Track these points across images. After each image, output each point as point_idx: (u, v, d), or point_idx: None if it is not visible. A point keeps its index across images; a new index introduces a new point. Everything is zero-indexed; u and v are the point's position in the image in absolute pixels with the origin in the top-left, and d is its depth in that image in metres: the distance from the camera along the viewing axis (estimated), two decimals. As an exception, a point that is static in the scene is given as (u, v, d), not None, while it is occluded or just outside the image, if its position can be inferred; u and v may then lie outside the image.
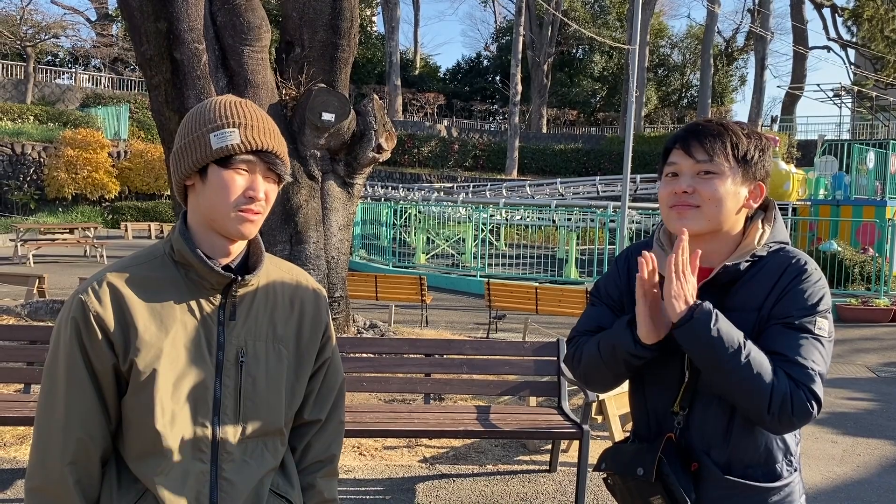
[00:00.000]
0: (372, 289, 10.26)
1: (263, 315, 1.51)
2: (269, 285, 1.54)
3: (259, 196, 1.43)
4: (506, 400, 5.76)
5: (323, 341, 1.60)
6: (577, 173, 35.49)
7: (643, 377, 1.79)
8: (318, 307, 1.60)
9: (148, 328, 1.40)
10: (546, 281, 13.72)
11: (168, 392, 1.39)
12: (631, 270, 1.79)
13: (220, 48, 6.84)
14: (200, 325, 1.44)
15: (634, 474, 1.68)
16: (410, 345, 5.00)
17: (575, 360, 1.82)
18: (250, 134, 1.41)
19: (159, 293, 1.43)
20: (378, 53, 43.26)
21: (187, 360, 1.42)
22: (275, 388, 1.49)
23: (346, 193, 7.68)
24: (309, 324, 1.57)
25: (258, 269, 1.49)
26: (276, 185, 1.48)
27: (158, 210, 25.61)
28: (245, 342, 1.47)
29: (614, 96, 46.05)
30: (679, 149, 1.67)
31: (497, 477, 4.63)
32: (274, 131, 1.47)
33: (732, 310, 1.63)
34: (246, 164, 1.42)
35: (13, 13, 34.54)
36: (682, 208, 1.64)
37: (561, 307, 9.05)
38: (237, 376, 1.45)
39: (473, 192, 28.16)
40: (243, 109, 1.44)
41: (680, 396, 1.68)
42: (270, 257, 1.59)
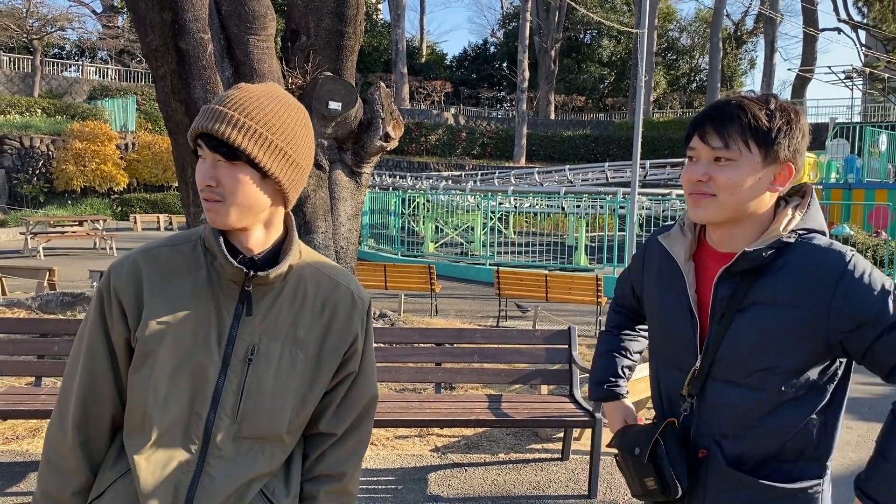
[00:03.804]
0: (381, 278, 10.24)
1: (287, 315, 1.43)
2: (301, 284, 1.46)
3: (202, 181, 1.36)
4: (517, 388, 5.74)
5: (349, 353, 1.49)
6: (585, 160, 35.33)
7: (658, 361, 1.77)
8: (350, 316, 1.49)
9: (158, 309, 1.39)
10: (556, 268, 13.67)
11: (165, 376, 1.38)
12: (651, 256, 1.81)
13: (226, 37, 6.80)
14: (215, 315, 1.40)
15: (632, 454, 1.69)
16: (421, 334, 4.98)
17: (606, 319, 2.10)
18: (200, 119, 1.34)
19: (180, 276, 1.42)
20: (384, 41, 43.09)
21: (193, 347, 1.38)
22: (281, 392, 1.42)
23: (353, 182, 7.64)
24: (337, 332, 1.47)
25: (279, 266, 1.41)
26: (233, 168, 1.35)
27: (167, 201, 25.66)
28: (259, 340, 1.41)
29: (623, 81, 45.75)
30: (696, 135, 1.60)
31: (509, 465, 4.61)
32: (225, 113, 1.34)
33: (758, 303, 1.55)
34: (201, 151, 1.36)
35: (19, 6, 34.55)
36: (698, 197, 1.58)
37: (571, 294, 9.01)
38: (243, 373, 1.40)
39: (482, 180, 28.08)
40: (224, 95, 1.37)
41: (688, 381, 1.64)
42: (314, 256, 1.52)
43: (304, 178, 1.46)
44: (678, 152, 32.91)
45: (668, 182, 25.86)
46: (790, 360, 1.54)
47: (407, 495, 4.15)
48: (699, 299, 1.65)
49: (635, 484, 1.71)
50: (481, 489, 4.25)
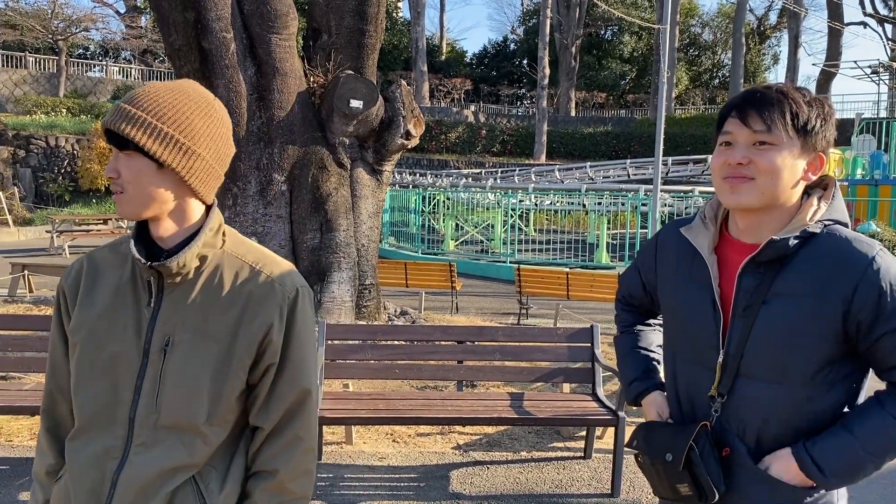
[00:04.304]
0: (402, 276, 10.26)
1: (200, 305, 1.44)
2: (217, 274, 1.46)
3: (106, 175, 1.43)
4: (539, 387, 5.72)
5: (264, 344, 1.45)
6: (606, 157, 35.12)
7: (675, 356, 1.73)
8: (263, 305, 1.45)
9: (83, 304, 1.48)
10: (577, 266, 13.61)
11: (84, 366, 1.45)
12: (664, 250, 1.79)
13: (248, 37, 6.85)
14: (135, 308, 1.45)
15: (663, 458, 1.64)
16: (443, 332, 4.98)
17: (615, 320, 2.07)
18: (105, 120, 1.40)
19: (109, 273, 1.49)
20: (404, 39, 43.11)
21: (111, 338, 1.44)
22: (194, 382, 1.42)
23: (374, 181, 7.66)
24: (249, 322, 1.44)
25: (178, 255, 1.41)
26: (131, 158, 1.39)
27: (190, 200, 25.87)
28: (174, 330, 1.43)
29: (644, 77, 45.41)
30: (735, 117, 1.57)
31: (531, 464, 4.59)
32: (120, 107, 1.39)
33: (782, 294, 1.54)
34: (110, 146, 1.43)
35: (45, 7, 35.03)
36: (736, 181, 1.55)
37: (593, 292, 8.96)
38: (159, 363, 1.43)
39: (502, 177, 28.03)
40: (130, 95, 1.43)
41: (718, 381, 1.61)
42: (244, 246, 1.52)
43: (212, 168, 1.46)
44: (700, 149, 32.62)
45: (690, 179, 25.65)
46: (815, 352, 1.52)
47: (429, 492, 4.15)
48: (721, 293, 1.63)
49: (665, 489, 1.67)
50: (503, 487, 4.25)
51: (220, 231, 1.49)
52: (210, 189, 1.47)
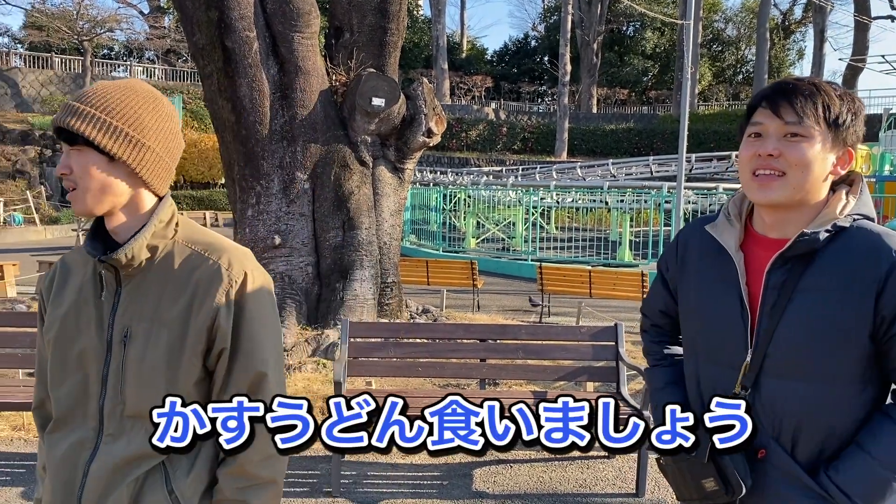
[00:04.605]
0: (423, 274, 10.26)
1: (152, 295, 1.47)
2: (168, 263, 1.49)
3: (58, 172, 1.44)
4: (561, 385, 5.69)
5: (214, 329, 1.46)
6: (628, 154, 34.90)
7: (696, 355, 1.70)
8: (210, 290, 1.46)
9: (53, 303, 1.55)
10: (599, 264, 13.54)
11: (56, 362, 1.51)
12: (687, 249, 1.75)
13: (271, 35, 6.87)
14: (97, 302, 1.49)
15: (686, 455, 1.58)
16: (465, 330, 4.96)
17: (644, 352, 1.94)
18: (55, 118, 1.42)
19: (75, 272, 1.55)
20: (425, 37, 43.14)
21: (77, 334, 1.49)
22: (152, 371, 1.45)
23: (396, 179, 7.66)
24: (199, 308, 1.46)
25: (125, 247, 1.44)
26: (81, 153, 1.42)
27: (213, 198, 26.11)
28: (131, 322, 1.47)
29: (666, 74, 45.06)
30: (766, 108, 1.53)
31: (555, 463, 4.57)
32: (69, 105, 1.41)
33: (811, 290, 1.50)
34: (62, 145, 1.44)
35: (70, 8, 35.48)
36: (766, 178, 1.52)
37: (616, 290, 8.90)
38: (120, 355, 1.46)
39: (523, 174, 27.97)
40: (78, 93, 1.45)
41: (741, 376, 1.58)
42: (195, 235, 1.54)
43: (162, 160, 1.49)
44: (724, 145, 32.31)
45: (714, 175, 25.41)
46: (846, 347, 1.49)
47: (452, 491, 4.15)
48: (748, 291, 1.60)
49: (689, 487, 1.63)
50: (527, 486, 4.23)
51: (173, 222, 1.51)
52: (161, 181, 1.50)
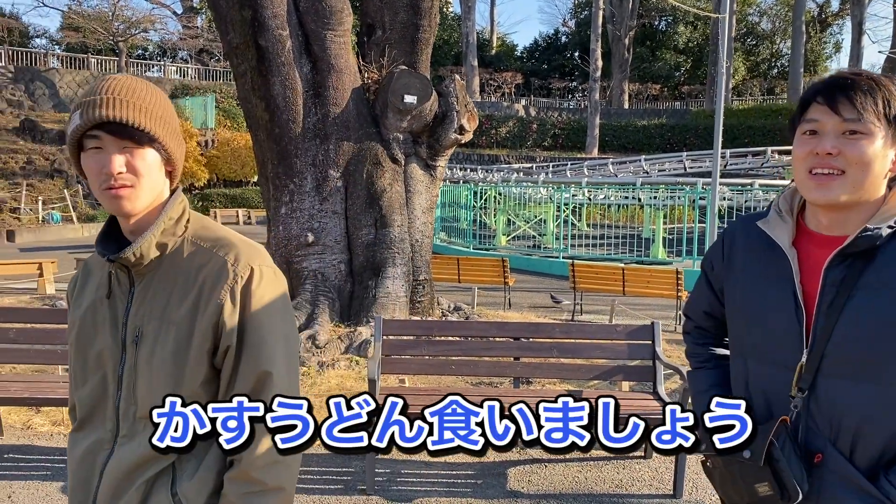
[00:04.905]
0: (454, 271, 10.25)
1: (161, 294, 1.45)
2: (176, 261, 1.46)
3: (112, 170, 1.36)
4: (596, 384, 5.63)
5: (219, 326, 1.42)
6: (661, 149, 34.52)
7: (745, 356, 1.65)
8: (216, 286, 1.43)
9: (73, 305, 1.55)
10: (632, 262, 13.39)
11: (81, 364, 1.50)
12: (733, 246, 1.70)
13: (303, 34, 6.90)
14: (112, 303, 1.48)
15: (740, 457, 1.54)
16: (499, 328, 4.93)
17: (686, 354, 1.89)
18: (88, 111, 1.34)
19: (94, 272, 1.55)
20: (454, 34, 43.09)
21: (94, 335, 1.48)
22: (162, 370, 1.43)
23: (428, 176, 7.65)
24: (205, 305, 1.43)
25: (133, 245, 1.41)
26: (142, 150, 1.39)
27: (245, 196, 26.37)
28: (142, 321, 1.45)
29: (699, 68, 44.46)
30: (822, 104, 1.47)
31: (590, 463, 4.52)
32: (122, 100, 1.36)
33: (870, 287, 1.46)
34: (95, 142, 1.36)
35: (106, 10, 36.08)
36: (824, 177, 1.47)
37: (649, 288, 8.79)
38: (134, 355, 1.45)
39: (553, 171, 27.80)
40: (96, 87, 1.38)
41: (797, 377, 1.53)
42: (204, 230, 1.51)
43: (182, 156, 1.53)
44: (759, 141, 31.81)
45: (748, 172, 25.01)
46: None
47: (486, 490, 4.12)
48: (803, 289, 1.55)
49: (740, 491, 1.58)
50: (562, 486, 4.19)
51: (183, 218, 1.49)
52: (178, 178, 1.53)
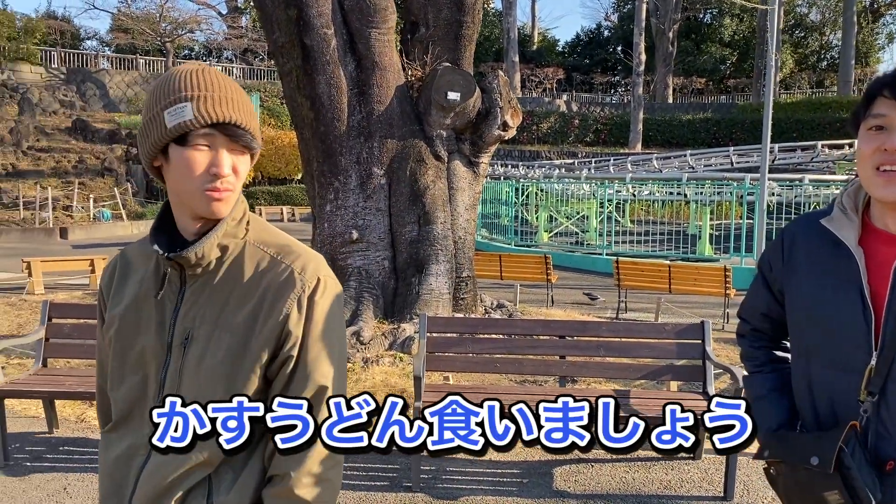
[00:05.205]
0: (496, 268, 10.21)
1: (219, 297, 1.38)
2: (237, 265, 1.40)
3: (223, 172, 1.32)
4: (643, 384, 5.55)
5: (282, 337, 1.37)
6: (706, 144, 33.91)
7: (808, 359, 1.60)
8: (282, 295, 1.37)
9: (114, 302, 1.47)
10: (677, 259, 13.19)
11: (119, 363, 1.44)
12: (794, 246, 1.64)
13: (348, 32, 6.93)
14: (159, 302, 1.41)
15: (807, 464, 1.50)
16: (544, 326, 4.89)
17: (742, 357, 1.85)
18: (204, 106, 1.29)
19: (135, 269, 1.47)
20: (495, 30, 42.94)
21: (137, 334, 1.41)
22: (211, 377, 1.35)
23: (471, 173, 7.62)
24: (267, 314, 1.37)
25: (196, 245, 1.35)
26: (244, 155, 1.36)
27: (290, 194, 26.69)
28: (194, 324, 1.38)
29: (746, 61, 43.54)
30: (890, 98, 1.43)
31: (638, 463, 4.46)
32: (234, 100, 1.33)
33: None
34: (206, 140, 1.31)
35: (153, 11, 36.85)
36: (893, 174, 1.42)
37: (697, 286, 8.65)
38: (180, 358, 1.38)
39: (596, 167, 27.51)
40: (198, 79, 1.32)
41: (866, 381, 1.47)
42: (266, 234, 1.46)
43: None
44: (808, 135, 31.04)
45: (797, 167, 24.41)
46: None
47: (532, 489, 4.10)
48: (871, 289, 1.49)
49: (807, 499, 1.53)
50: (609, 486, 4.14)
51: (244, 220, 1.43)
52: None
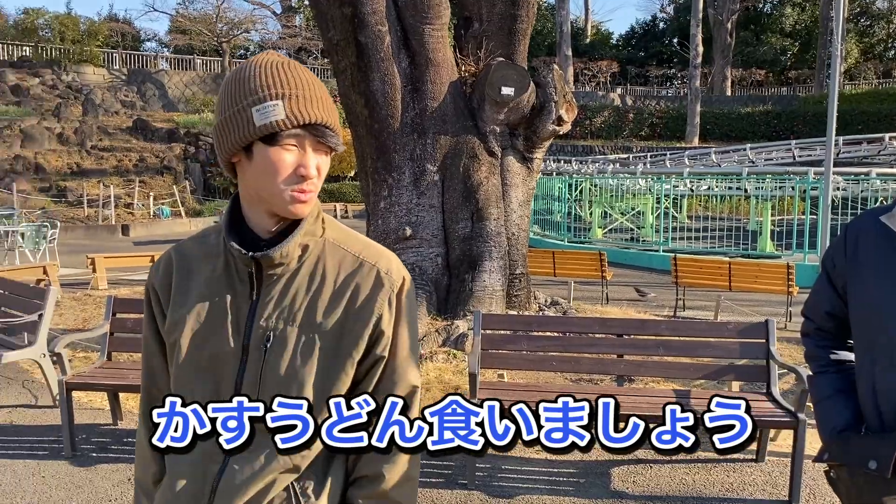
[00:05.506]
0: (549, 265, 10.12)
1: (303, 298, 1.35)
2: (320, 265, 1.37)
3: (311, 174, 1.30)
4: (703, 384, 5.42)
5: (373, 338, 1.35)
6: (766, 138, 32.99)
7: (872, 359, 1.55)
8: (373, 296, 1.35)
9: (178, 301, 1.39)
10: (737, 255, 12.85)
11: (186, 365, 1.36)
12: (858, 243, 1.60)
13: (402, 29, 6.94)
14: (232, 302, 1.36)
15: (866, 468, 1.47)
16: (601, 324, 4.81)
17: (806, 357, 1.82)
18: (296, 106, 1.26)
19: (201, 267, 1.40)
20: (548, 24, 42.56)
21: (209, 336, 1.35)
22: (298, 380, 1.31)
23: (525, 168, 7.56)
24: (357, 315, 1.35)
25: (282, 245, 1.32)
26: (327, 156, 1.34)
27: (343, 191, 26.97)
28: (275, 325, 1.33)
29: (808, 52, 42.21)
30: None
31: (698, 465, 4.35)
32: (323, 99, 1.31)
33: None
34: (294, 140, 1.28)
35: (210, 12, 37.64)
36: None
37: (758, 283, 8.41)
38: (260, 361, 1.33)
39: (652, 162, 27.03)
40: (286, 75, 1.29)
41: None
42: (343, 233, 1.43)
43: None
44: (874, 127, 29.95)
45: (863, 160, 23.55)
46: None
47: (589, 489, 4.03)
48: None
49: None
50: (668, 488, 4.05)
51: (319, 218, 1.40)
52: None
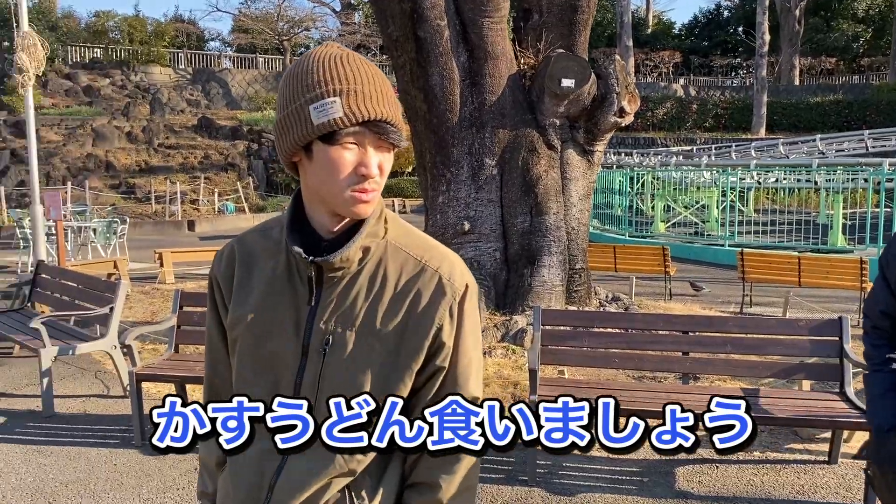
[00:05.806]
0: (610, 260, 9.97)
1: (362, 302, 1.31)
2: (381, 268, 1.33)
3: (372, 172, 1.26)
4: (771, 382, 5.25)
5: (434, 347, 1.31)
6: (836, 128, 31.77)
7: None
8: (434, 304, 1.31)
9: (239, 296, 1.38)
10: (806, 250, 12.42)
11: (247, 362, 1.36)
12: None
13: (461, 22, 6.91)
14: (291, 301, 1.34)
15: (894, 467, 1.48)
16: (665, 321, 4.70)
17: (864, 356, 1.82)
18: (354, 103, 1.22)
19: (262, 262, 1.38)
20: (608, 15, 41.89)
21: (269, 334, 1.34)
22: (355, 386, 1.29)
23: (585, 162, 7.45)
24: (418, 322, 1.31)
25: (344, 249, 1.28)
26: (390, 153, 1.29)
27: (400, 186, 27.12)
28: (334, 328, 1.30)
29: (882, 38, 40.46)
30: None
31: (767, 465, 4.22)
32: (382, 93, 1.25)
33: None
34: (353, 138, 1.24)
35: (271, 11, 38.35)
36: None
37: (829, 279, 8.10)
38: (318, 363, 1.31)
39: (717, 153, 26.34)
40: (345, 69, 1.24)
41: None
42: (406, 235, 1.38)
43: None
44: (954, 115, 28.53)
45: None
46: None
47: (654, 488, 3.95)
48: None
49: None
50: (736, 489, 3.94)
51: (382, 218, 1.35)
52: None
